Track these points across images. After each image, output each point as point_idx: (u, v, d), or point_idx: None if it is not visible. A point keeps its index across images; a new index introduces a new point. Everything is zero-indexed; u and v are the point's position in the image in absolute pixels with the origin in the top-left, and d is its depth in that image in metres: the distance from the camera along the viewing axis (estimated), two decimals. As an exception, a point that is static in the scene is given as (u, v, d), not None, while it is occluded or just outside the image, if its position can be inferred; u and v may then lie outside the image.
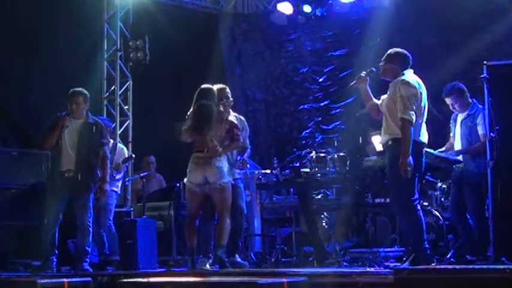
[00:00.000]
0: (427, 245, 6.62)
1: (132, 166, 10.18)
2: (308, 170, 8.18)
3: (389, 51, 6.87)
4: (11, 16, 9.77)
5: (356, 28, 11.13)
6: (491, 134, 6.73)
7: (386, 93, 6.82)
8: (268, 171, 8.81)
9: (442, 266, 6.54)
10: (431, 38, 10.09)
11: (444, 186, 8.47)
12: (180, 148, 7.69)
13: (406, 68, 6.76)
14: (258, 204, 9.23)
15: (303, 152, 11.05)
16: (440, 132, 7.89)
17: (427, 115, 6.78)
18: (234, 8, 12.20)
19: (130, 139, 10.82)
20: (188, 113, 7.36)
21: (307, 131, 11.78)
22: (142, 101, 10.99)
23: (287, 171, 8.60)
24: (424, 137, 6.73)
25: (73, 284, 6.53)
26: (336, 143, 9.95)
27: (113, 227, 8.54)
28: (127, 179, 10.11)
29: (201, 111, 7.24)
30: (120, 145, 9.39)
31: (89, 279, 6.84)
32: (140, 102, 11.01)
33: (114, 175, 8.56)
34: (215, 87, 7.47)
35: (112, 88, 10.86)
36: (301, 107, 11.91)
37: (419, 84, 6.69)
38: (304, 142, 11.73)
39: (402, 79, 6.66)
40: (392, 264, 7.16)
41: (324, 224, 8.66)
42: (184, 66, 10.99)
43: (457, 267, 6.24)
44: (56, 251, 7.70)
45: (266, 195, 9.30)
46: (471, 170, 7.42)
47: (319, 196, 8.88)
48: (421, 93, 6.66)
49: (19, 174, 8.81)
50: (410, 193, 6.54)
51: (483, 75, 6.79)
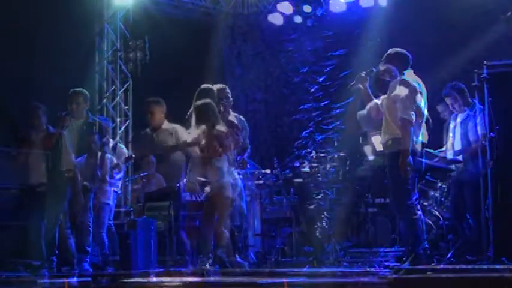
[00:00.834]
0: (427, 245, 6.62)
1: (132, 166, 10.17)
2: (308, 170, 8.18)
3: (389, 51, 6.87)
4: (11, 16, 9.76)
5: (356, 28, 11.12)
6: (491, 134, 6.73)
7: (386, 93, 6.82)
8: (268, 171, 8.81)
9: (442, 266, 6.55)
10: (431, 38, 10.08)
11: (444, 186, 8.48)
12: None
13: (406, 68, 6.76)
14: (258, 204, 9.23)
15: (303, 152, 11.05)
16: (440, 132, 7.88)
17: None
18: (234, 8, 12.19)
19: (130, 139, 10.82)
20: (188, 113, 7.36)
21: (307, 131, 11.77)
22: (142, 101, 10.97)
23: (287, 171, 8.61)
24: (424, 137, 6.73)
25: (73, 284, 6.53)
26: (336, 143, 9.94)
27: (113, 227, 8.53)
28: (127, 179, 10.10)
29: (201, 110, 7.24)
30: (120, 145, 9.39)
31: (89, 279, 6.85)
32: (140, 102, 10.98)
33: (114, 175, 8.56)
34: (215, 87, 7.48)
35: (112, 88, 10.86)
36: (301, 107, 11.90)
37: (419, 84, 6.69)
38: (304, 142, 11.71)
39: (402, 79, 6.66)
40: (392, 264, 7.16)
41: (324, 224, 8.65)
42: (184, 66, 10.97)
43: (457, 267, 6.25)
44: (56, 251, 7.70)
45: (266, 195, 9.29)
46: (471, 170, 7.42)
47: (319, 196, 8.87)
48: (421, 93, 6.66)
49: (19, 174, 8.80)
50: (409, 193, 6.54)
51: (482, 74, 6.79)
